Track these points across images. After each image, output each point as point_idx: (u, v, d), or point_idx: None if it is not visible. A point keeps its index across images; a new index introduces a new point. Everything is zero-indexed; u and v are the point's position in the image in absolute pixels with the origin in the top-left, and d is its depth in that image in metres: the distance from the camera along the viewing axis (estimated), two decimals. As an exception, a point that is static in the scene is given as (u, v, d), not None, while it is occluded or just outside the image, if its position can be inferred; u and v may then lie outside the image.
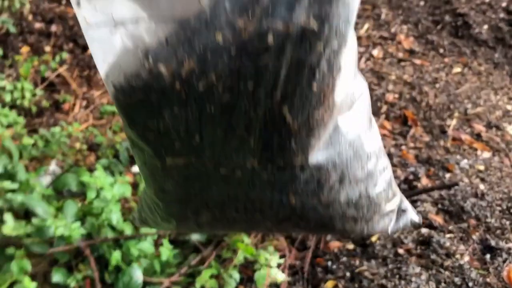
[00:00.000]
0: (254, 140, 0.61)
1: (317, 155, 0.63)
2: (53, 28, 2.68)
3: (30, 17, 2.69)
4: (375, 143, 0.69)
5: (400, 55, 2.99)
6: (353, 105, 0.64)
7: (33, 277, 1.59)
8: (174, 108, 0.61)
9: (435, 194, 2.03)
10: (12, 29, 2.43)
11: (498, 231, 1.85)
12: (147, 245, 1.69)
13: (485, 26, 3.10)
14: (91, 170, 2.01)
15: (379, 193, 0.70)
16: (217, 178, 0.66)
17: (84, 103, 2.44)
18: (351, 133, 0.65)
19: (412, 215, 0.78)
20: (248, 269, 1.70)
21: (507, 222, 1.88)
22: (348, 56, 0.59)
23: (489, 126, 2.47)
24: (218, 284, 1.60)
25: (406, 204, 0.78)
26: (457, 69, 2.88)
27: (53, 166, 2.02)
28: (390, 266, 1.71)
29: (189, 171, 0.66)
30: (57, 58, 2.46)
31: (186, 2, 0.58)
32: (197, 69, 0.58)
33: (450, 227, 1.86)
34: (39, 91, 2.36)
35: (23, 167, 1.83)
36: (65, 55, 2.49)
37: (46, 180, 1.96)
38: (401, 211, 0.76)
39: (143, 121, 0.64)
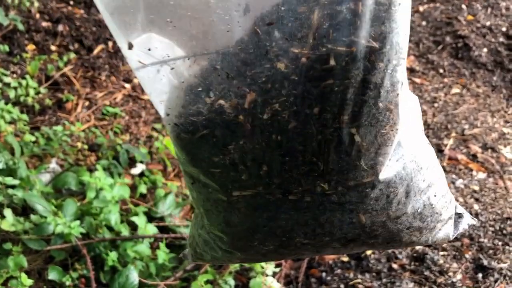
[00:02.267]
0: (323, 163, 0.61)
1: (385, 172, 0.64)
2: (60, 27, 2.71)
3: (37, 16, 2.71)
4: (430, 153, 0.71)
5: (401, 73, 3.03)
6: (410, 119, 0.66)
7: (28, 273, 1.59)
8: (239, 140, 0.61)
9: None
10: (20, 27, 2.45)
11: (491, 251, 1.87)
12: (143, 248, 1.70)
13: (485, 49, 3.16)
14: (91, 170, 2.02)
15: (439, 201, 0.72)
16: (286, 205, 0.65)
17: (87, 103, 2.46)
18: (411, 146, 0.66)
19: (468, 219, 0.79)
20: (243, 276, 1.71)
21: (500, 243, 1.91)
22: (404, 70, 0.60)
23: (485, 147, 2.51)
24: (213, 289, 1.61)
25: (460, 208, 0.79)
26: (455, 90, 2.92)
27: (53, 164, 2.03)
28: (384, 280, 1.73)
29: (257, 202, 0.65)
30: (65, 58, 2.48)
31: (222, 34, 0.58)
32: (260, 99, 0.58)
33: (444, 245, 1.89)
34: (42, 90, 2.37)
35: (24, 163, 1.84)
36: (72, 55, 2.51)
37: (45, 177, 1.97)
38: (457, 216, 0.78)
39: (208, 157, 0.63)
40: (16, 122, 2.10)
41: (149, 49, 0.60)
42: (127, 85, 2.62)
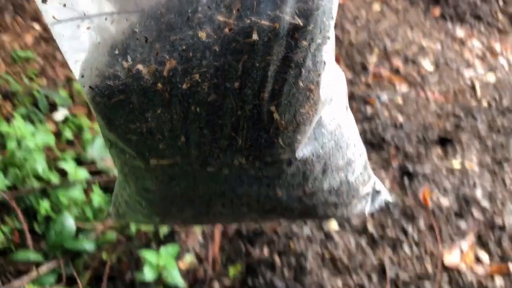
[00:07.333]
0: (242, 138, 0.61)
1: (303, 149, 0.64)
2: (-52, -34, 2.41)
3: None
4: (352, 131, 0.71)
5: (323, -7, 3.02)
6: (334, 97, 0.65)
7: (-46, 234, 1.51)
8: (157, 109, 0.59)
9: (358, 127, 2.14)
10: None
11: (415, 158, 1.99)
12: (76, 193, 1.65)
13: (402, -36, 3.18)
14: (8, 119, 1.89)
15: (356, 178, 0.73)
16: (204, 176, 0.65)
17: (-7, 49, 2.26)
18: (332, 124, 0.66)
19: (386, 195, 0.81)
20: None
21: (422, 149, 2.03)
22: (329, 50, 0.59)
23: (406, 61, 2.60)
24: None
25: (379, 185, 0.81)
26: (376, 7, 2.96)
27: (-36, 118, 1.88)
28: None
29: (174, 171, 0.65)
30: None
31: None
32: (180, 68, 0.56)
33: (373, 157, 1.98)
34: None
35: None
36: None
37: (-42, 133, 1.83)
38: (375, 193, 0.80)
39: (124, 123, 0.61)
40: None
41: (65, 5, 0.55)
42: (37, 26, 2.42)
